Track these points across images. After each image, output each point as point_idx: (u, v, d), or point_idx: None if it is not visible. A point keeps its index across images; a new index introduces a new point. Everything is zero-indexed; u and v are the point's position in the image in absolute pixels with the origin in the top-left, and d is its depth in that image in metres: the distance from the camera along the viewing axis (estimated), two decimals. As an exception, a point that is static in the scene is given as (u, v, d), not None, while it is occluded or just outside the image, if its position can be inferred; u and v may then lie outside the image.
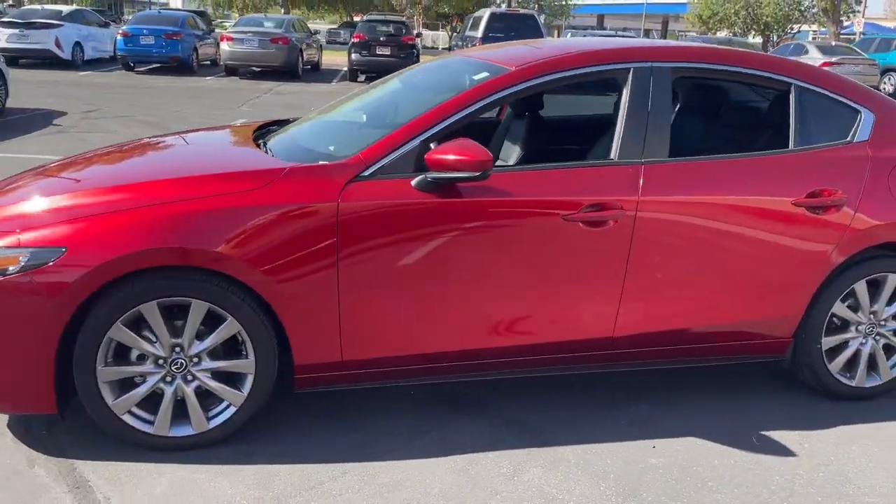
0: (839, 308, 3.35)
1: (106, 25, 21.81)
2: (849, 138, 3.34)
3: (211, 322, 2.75)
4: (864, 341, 3.44)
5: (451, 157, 2.73)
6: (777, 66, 3.38)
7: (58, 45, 19.13)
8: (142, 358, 2.74)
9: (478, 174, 2.74)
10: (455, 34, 24.25)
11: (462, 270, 2.90)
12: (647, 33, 60.07)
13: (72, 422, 2.86)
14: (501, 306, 2.98)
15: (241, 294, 2.71)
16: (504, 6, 50.16)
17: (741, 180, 3.16)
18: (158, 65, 19.48)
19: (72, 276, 2.54)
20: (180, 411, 2.81)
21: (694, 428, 3.17)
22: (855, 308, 3.39)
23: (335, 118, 3.75)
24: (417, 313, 2.91)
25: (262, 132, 3.68)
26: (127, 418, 2.75)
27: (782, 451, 3.04)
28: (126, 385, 2.76)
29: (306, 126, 3.61)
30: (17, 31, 18.98)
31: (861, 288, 3.34)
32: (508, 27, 18.42)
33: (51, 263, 2.54)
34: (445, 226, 2.85)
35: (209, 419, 2.83)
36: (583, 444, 3.01)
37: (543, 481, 2.74)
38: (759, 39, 42.15)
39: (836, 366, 3.42)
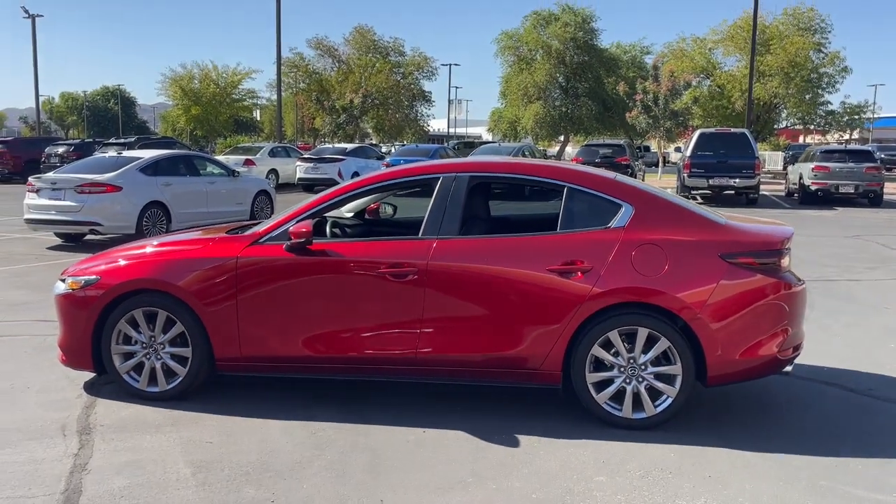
0: (599, 352, 4.40)
1: (381, 158, 26.43)
2: (608, 224, 4.48)
3: (172, 325, 4.79)
4: (627, 381, 4.40)
5: (292, 230, 4.55)
6: (555, 174, 4.70)
7: (339, 174, 23.81)
8: (136, 342, 4.86)
9: (302, 241, 4.52)
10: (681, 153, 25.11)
11: (310, 304, 4.62)
12: None
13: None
14: (335, 329, 4.62)
15: (184, 308, 4.72)
16: (787, 123, 48.72)
17: (511, 252, 4.49)
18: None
19: (100, 292, 4.78)
20: (159, 376, 4.85)
21: (476, 427, 4.41)
22: (616, 353, 4.41)
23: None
24: (283, 330, 4.67)
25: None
26: (125, 377, 4.87)
27: (510, 444, 4.18)
28: (130, 357, 4.88)
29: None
30: (311, 164, 24.13)
31: (615, 337, 4.37)
32: (718, 145, 19.10)
33: (92, 285, 4.81)
34: (300, 275, 4.63)
35: (168, 383, 4.83)
36: (380, 425, 4.45)
37: (327, 440, 4.27)
38: None
39: (602, 397, 4.42)
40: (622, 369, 4.41)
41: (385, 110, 49.26)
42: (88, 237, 12.33)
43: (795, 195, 21.92)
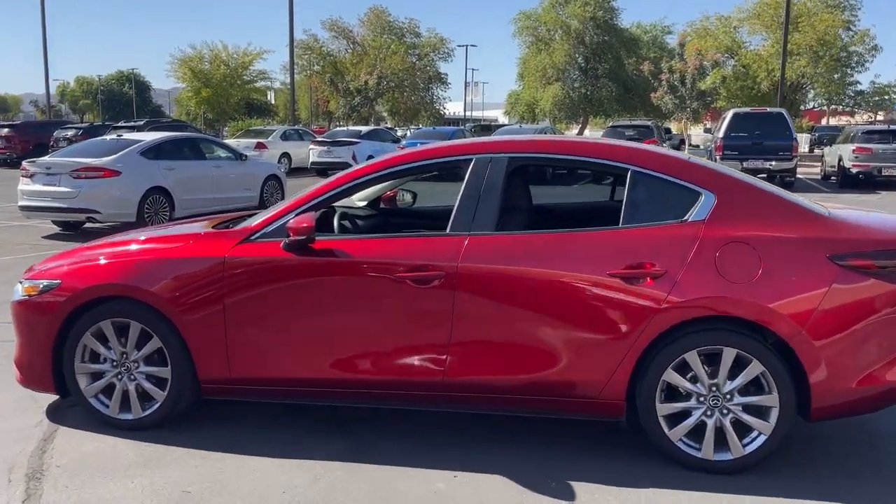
0: (673, 377, 3.51)
1: (397, 141, 25.52)
2: (685, 217, 3.57)
3: (148, 339, 3.94)
4: (709, 413, 3.52)
5: (290, 225, 3.68)
6: (614, 154, 3.78)
7: (353, 158, 22.94)
8: (104, 360, 4.02)
9: (302, 238, 3.65)
10: (710, 134, 24.00)
11: (312, 315, 3.76)
12: None
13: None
14: (344, 346, 3.76)
15: (161, 319, 3.87)
16: (815, 103, 47.27)
17: (562, 252, 3.60)
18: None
19: (61, 298, 3.94)
20: (133, 401, 4.01)
21: (519, 471, 3.54)
22: (694, 379, 3.52)
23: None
24: (281, 346, 3.81)
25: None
26: (92, 401, 4.03)
27: (563, 495, 3.32)
28: (98, 378, 4.04)
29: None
30: (325, 148, 23.27)
31: (694, 359, 3.48)
32: (753, 126, 18.07)
33: (51, 290, 3.97)
34: (301, 279, 3.77)
35: (144, 410, 4.00)
36: (400, 466, 3.60)
37: (335, 487, 3.42)
38: None
39: (676, 433, 3.54)
40: (702, 399, 3.52)
41: (400, 93, 48.26)
42: (87, 225, 11.56)
43: (832, 178, 20.80)
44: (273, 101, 65.36)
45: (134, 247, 4.12)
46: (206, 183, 12.60)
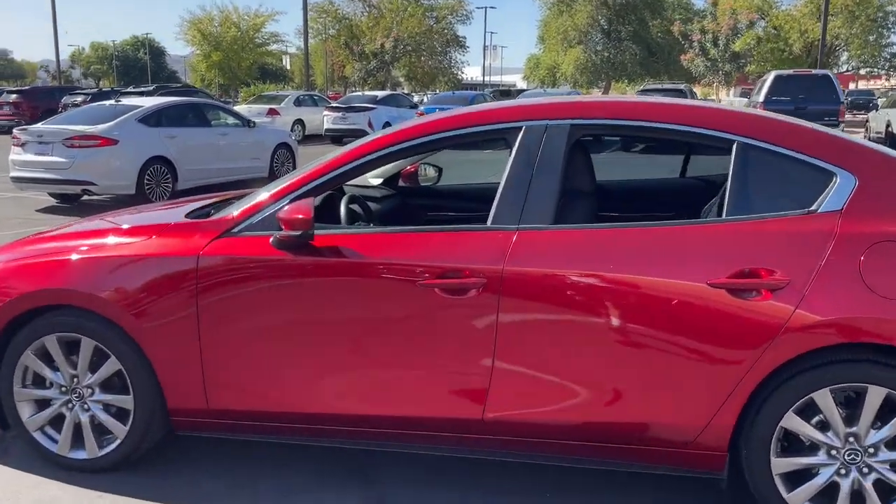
0: (795, 423, 2.61)
1: (414, 107, 24.47)
2: (813, 207, 2.64)
3: (104, 359, 3.08)
4: (843, 472, 2.61)
5: (283, 216, 2.78)
6: (716, 121, 2.82)
7: (369, 124, 21.94)
8: (51, 385, 3.17)
9: (297, 234, 2.75)
10: (747, 98, 22.73)
11: (311, 332, 2.88)
12: None
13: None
14: (352, 372, 2.88)
15: (120, 334, 3.01)
16: (849, 66, 45.52)
17: (644, 254, 2.67)
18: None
19: (-7, 309, 3.08)
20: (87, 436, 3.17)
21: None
22: (825, 426, 2.61)
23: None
24: (271, 371, 2.94)
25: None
26: (37, 435, 3.20)
27: (651, 589, 2.44)
28: (44, 406, 3.20)
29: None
30: (339, 114, 22.30)
31: (825, 400, 2.57)
32: (797, 90, 16.85)
33: (-20, 299, 3.11)
34: (296, 285, 2.87)
35: (101, 447, 3.15)
36: (428, 534, 2.74)
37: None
38: None
39: (798, 497, 2.64)
40: (834, 452, 2.61)
41: (417, 57, 46.92)
42: (85, 198, 10.74)
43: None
44: (288, 67, 64.08)
45: (85, 241, 3.23)
46: (211, 152, 11.72)
